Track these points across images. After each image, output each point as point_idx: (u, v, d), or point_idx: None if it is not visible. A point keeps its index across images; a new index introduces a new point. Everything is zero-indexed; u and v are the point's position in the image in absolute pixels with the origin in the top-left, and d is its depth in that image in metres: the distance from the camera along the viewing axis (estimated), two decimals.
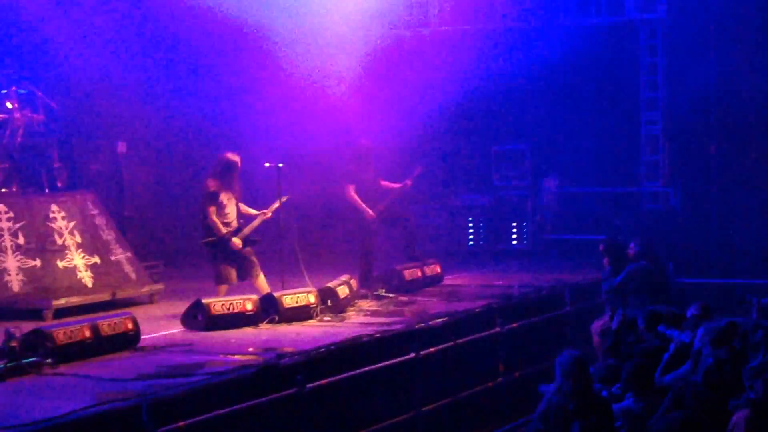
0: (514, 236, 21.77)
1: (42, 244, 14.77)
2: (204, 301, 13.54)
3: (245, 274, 14.71)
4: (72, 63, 17.70)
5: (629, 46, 21.38)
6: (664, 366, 10.61)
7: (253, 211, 14.92)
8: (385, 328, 13.21)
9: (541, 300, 15.96)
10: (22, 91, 15.98)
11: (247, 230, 14.69)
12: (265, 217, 14.84)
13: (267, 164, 14.93)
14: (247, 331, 13.33)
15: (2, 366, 10.74)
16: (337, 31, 20.03)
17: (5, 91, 15.83)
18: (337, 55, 19.82)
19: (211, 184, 14.54)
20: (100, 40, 18.26)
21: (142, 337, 12.44)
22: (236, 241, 14.50)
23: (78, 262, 15.04)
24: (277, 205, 14.75)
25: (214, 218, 14.46)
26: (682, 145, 20.16)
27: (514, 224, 21.75)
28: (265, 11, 18.71)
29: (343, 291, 14.73)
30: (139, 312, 13.49)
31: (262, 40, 19.36)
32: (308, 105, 20.04)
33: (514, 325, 14.53)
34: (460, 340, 13.54)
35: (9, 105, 15.75)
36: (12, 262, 14.36)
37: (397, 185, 16.54)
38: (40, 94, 16.23)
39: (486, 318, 14.46)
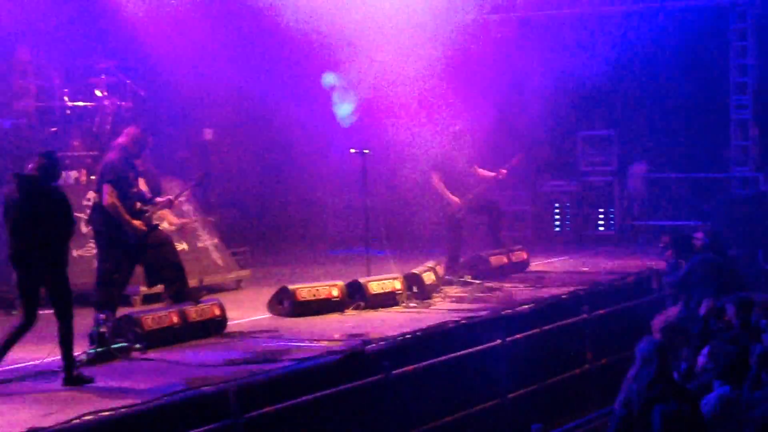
0: (601, 222, 21.61)
1: None
2: (290, 287, 13.60)
3: None
4: (159, 51, 17.84)
5: (719, 30, 21.07)
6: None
7: None
8: (471, 314, 13.18)
9: (628, 286, 15.81)
10: (111, 80, 16.17)
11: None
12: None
13: (352, 150, 14.94)
14: (333, 318, 13.38)
15: (92, 351, 10.87)
16: (421, 20, 20.00)
17: (95, 79, 16.03)
18: (424, 44, 19.75)
19: None
20: (187, 29, 18.38)
21: (228, 323, 12.54)
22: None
23: None
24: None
25: None
26: None
27: (601, 210, 21.60)
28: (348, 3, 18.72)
29: (429, 277, 14.71)
30: (226, 298, 13.57)
31: (343, 31, 19.38)
32: (394, 93, 20.01)
33: (601, 311, 14.41)
34: (547, 327, 13.46)
35: (98, 93, 15.97)
36: None
37: (492, 174, 16.45)
38: (128, 81, 16.42)
39: (572, 304, 14.37)
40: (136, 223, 11.99)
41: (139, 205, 12.21)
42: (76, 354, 10.57)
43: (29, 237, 10.08)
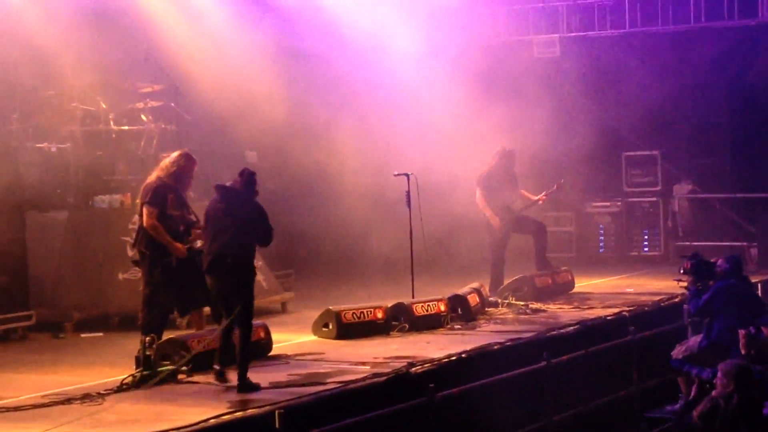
0: (646, 243, 21.51)
1: None
2: (335, 309, 13.62)
3: None
4: (203, 75, 17.94)
5: (765, 49, 20.96)
6: None
7: None
8: (516, 336, 13.15)
9: (673, 308, 15.70)
10: (156, 104, 16.29)
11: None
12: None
13: (397, 173, 14.95)
14: (378, 340, 13.37)
15: (138, 374, 10.92)
16: (465, 40, 20.05)
17: (141, 104, 16.16)
18: (468, 64, 19.76)
19: None
20: (232, 50, 18.47)
21: (273, 345, 12.56)
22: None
23: None
24: None
25: None
26: None
27: (646, 231, 21.50)
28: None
29: (473, 299, 14.70)
30: (271, 321, 13.59)
31: (381, 50, 19.46)
32: (437, 114, 20.01)
33: (647, 333, 14.32)
34: (592, 349, 13.39)
35: (143, 117, 16.08)
36: None
37: (532, 198, 16.51)
38: (173, 105, 16.52)
39: (618, 326, 14.29)
40: (178, 245, 12.06)
41: (182, 228, 12.28)
42: (121, 377, 10.65)
43: (226, 245, 10.83)
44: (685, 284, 13.29)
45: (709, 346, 12.41)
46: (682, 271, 13.37)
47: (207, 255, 11.04)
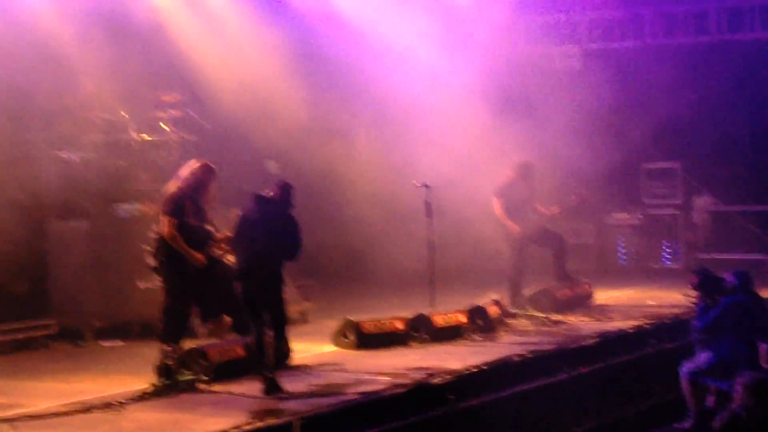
0: (666, 255, 21.46)
1: None
2: (355, 320, 13.63)
3: None
4: (224, 84, 17.97)
5: None
6: None
7: None
8: (536, 348, 13.14)
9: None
10: (178, 113, 16.33)
11: None
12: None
13: (416, 183, 14.95)
14: (398, 351, 13.37)
15: (159, 383, 10.93)
16: (484, 51, 20.04)
17: (162, 113, 16.20)
18: (487, 74, 19.76)
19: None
20: (252, 60, 18.51)
21: (293, 355, 12.55)
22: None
23: None
24: None
25: None
26: None
27: (666, 243, 21.45)
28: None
29: (493, 310, 14.70)
30: (290, 331, 13.56)
31: (400, 60, 19.48)
32: (456, 125, 20.01)
33: (667, 345, 14.29)
34: (612, 361, 13.36)
35: (164, 126, 16.13)
36: None
37: (547, 212, 16.52)
38: (194, 115, 16.57)
39: (638, 339, 14.26)
40: (197, 255, 12.08)
41: (201, 237, 12.31)
42: (141, 387, 10.68)
43: (259, 253, 11.09)
44: (693, 299, 13.06)
45: (717, 364, 12.17)
46: (689, 286, 13.11)
47: (241, 262, 11.24)
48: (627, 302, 17.31)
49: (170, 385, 10.97)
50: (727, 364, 11.80)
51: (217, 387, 11.22)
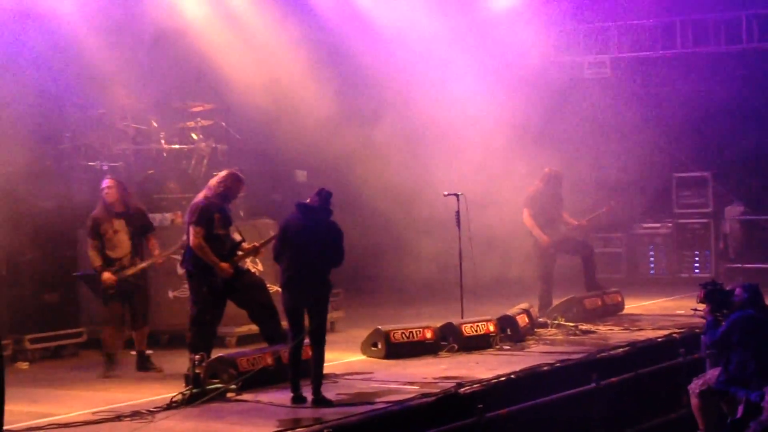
0: (697, 265, 21.37)
1: None
2: (384, 329, 13.62)
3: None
4: (253, 94, 18.02)
5: None
6: None
7: None
8: (566, 357, 13.09)
9: None
10: (207, 123, 16.39)
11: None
12: (156, 260, 13.36)
13: (446, 193, 14.94)
14: (427, 360, 13.35)
15: (188, 392, 10.95)
16: (513, 60, 20.04)
17: (192, 123, 16.26)
18: (516, 84, 19.75)
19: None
20: (281, 70, 18.56)
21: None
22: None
23: None
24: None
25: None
26: None
27: (697, 252, 21.37)
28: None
29: (522, 319, 14.66)
30: None
31: (430, 72, 19.49)
32: (486, 135, 19.99)
33: (697, 356, 14.19)
34: (642, 370, 13.30)
35: (194, 136, 16.18)
36: None
37: (575, 222, 16.54)
38: (223, 124, 16.62)
39: (668, 348, 14.19)
40: (224, 265, 12.11)
41: (229, 247, 12.35)
42: (170, 395, 10.69)
43: (307, 261, 11.02)
44: (701, 313, 12.79)
45: (727, 381, 11.90)
46: (697, 300, 12.83)
47: (285, 271, 11.17)
48: (657, 312, 17.25)
49: (199, 393, 10.97)
50: (737, 381, 11.60)
51: (245, 396, 11.23)
